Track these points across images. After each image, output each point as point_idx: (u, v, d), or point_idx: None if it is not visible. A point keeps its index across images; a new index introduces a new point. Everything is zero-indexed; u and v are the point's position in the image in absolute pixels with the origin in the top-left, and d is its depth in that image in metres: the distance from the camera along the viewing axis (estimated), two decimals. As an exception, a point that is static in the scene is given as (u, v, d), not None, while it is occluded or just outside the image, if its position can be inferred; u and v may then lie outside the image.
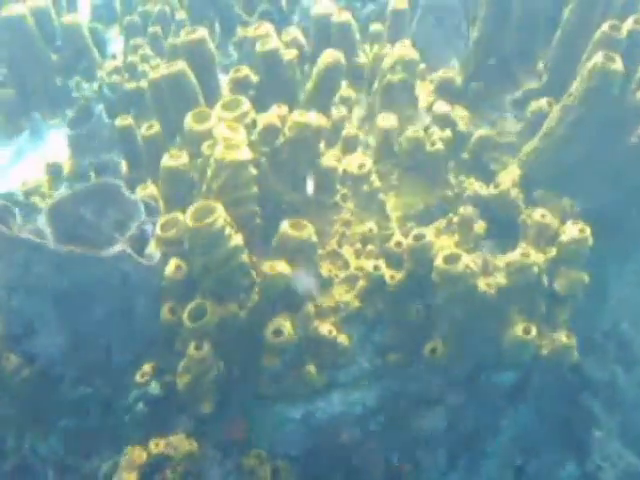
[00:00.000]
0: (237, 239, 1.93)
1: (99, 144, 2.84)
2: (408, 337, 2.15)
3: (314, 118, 2.15)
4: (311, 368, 2.06)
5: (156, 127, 2.51)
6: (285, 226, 2.01)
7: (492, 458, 2.40)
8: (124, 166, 2.77)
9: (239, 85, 2.52)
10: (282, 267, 1.98)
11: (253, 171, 1.99)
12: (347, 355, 2.11)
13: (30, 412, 2.12)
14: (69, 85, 3.29)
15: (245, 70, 2.52)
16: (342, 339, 2.09)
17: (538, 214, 2.14)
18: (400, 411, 2.19)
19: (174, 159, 2.20)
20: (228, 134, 1.99)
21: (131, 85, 3.09)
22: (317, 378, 2.07)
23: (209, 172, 1.98)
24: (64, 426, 2.13)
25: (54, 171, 2.89)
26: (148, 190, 2.40)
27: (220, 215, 1.89)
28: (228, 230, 1.91)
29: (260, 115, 2.13)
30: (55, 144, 3.09)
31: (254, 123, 2.08)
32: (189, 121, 2.07)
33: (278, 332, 1.98)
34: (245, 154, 1.96)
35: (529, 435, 2.47)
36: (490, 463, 2.39)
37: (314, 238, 2.02)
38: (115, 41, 3.52)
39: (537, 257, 2.07)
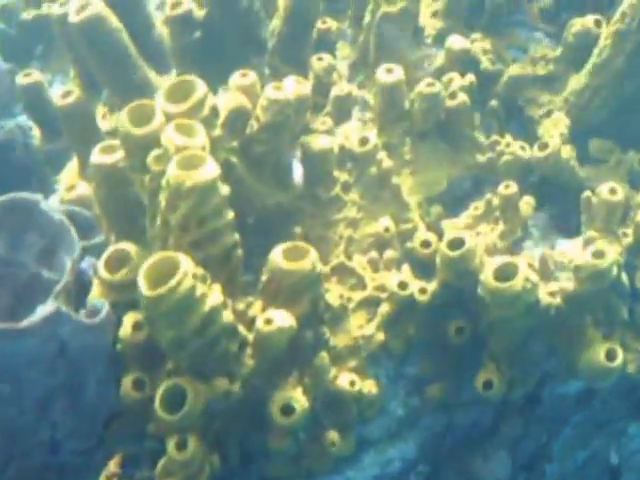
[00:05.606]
0: (214, 297, 1.37)
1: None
2: (450, 363, 1.64)
3: (293, 88, 1.56)
4: (333, 435, 1.54)
5: (76, 93, 1.90)
6: (277, 257, 1.45)
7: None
8: (37, 133, 2.14)
9: (179, 26, 1.90)
10: (282, 319, 1.43)
11: (224, 190, 1.41)
12: (376, 405, 1.59)
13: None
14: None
15: (186, 4, 1.89)
16: (368, 387, 1.57)
17: (606, 190, 1.59)
18: (447, 455, 1.70)
19: (107, 153, 1.61)
20: (182, 141, 1.39)
21: (29, 14, 2.42)
22: (342, 445, 1.55)
23: (162, 201, 1.39)
24: None
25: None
26: (76, 191, 1.81)
27: (186, 272, 1.32)
28: (200, 289, 1.34)
29: (221, 95, 1.53)
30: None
31: (215, 112, 1.47)
32: (125, 122, 1.44)
33: (288, 408, 1.45)
34: (211, 170, 1.37)
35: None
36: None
37: (319, 267, 1.46)
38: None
39: (614, 254, 1.53)
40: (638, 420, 1.96)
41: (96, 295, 1.55)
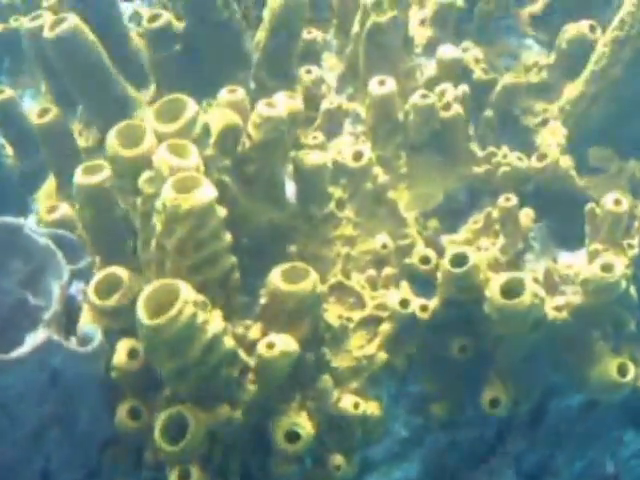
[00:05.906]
0: (215, 324, 1.32)
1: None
2: (453, 380, 1.60)
3: (286, 103, 1.50)
4: (338, 459, 1.49)
5: (54, 111, 1.83)
6: (276, 279, 1.40)
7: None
8: (9, 151, 2.04)
9: (158, 39, 1.84)
10: (284, 343, 1.37)
11: (221, 212, 1.35)
12: (380, 427, 1.55)
13: None
14: None
15: (164, 16, 1.82)
16: (372, 409, 1.53)
17: (611, 201, 1.54)
18: (452, 474, 1.66)
19: (91, 173, 1.55)
20: (176, 162, 1.33)
21: None
22: (347, 469, 1.50)
23: (158, 224, 1.33)
24: None
25: None
26: (58, 213, 1.73)
27: (187, 300, 1.26)
28: (201, 317, 1.29)
29: (211, 113, 1.47)
30: None
31: (207, 131, 1.42)
32: (113, 142, 1.38)
33: (293, 434, 1.40)
34: (208, 192, 1.32)
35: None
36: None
37: (319, 288, 1.41)
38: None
39: (622, 266, 1.49)
40: (633, 428, 1.94)
41: (87, 321, 1.49)
